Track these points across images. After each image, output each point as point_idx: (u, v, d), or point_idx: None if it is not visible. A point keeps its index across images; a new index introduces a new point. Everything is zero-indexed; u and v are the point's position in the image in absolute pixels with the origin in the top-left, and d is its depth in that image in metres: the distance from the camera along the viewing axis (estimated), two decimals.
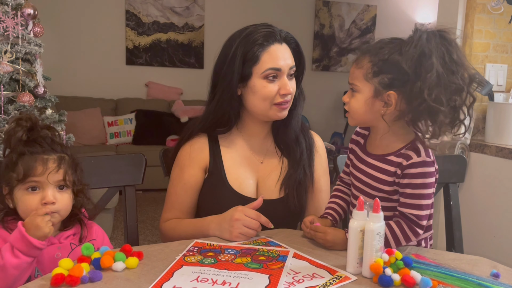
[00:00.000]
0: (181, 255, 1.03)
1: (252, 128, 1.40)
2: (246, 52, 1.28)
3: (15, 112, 1.88)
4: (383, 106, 1.07)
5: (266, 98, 1.30)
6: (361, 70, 1.08)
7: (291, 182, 1.36)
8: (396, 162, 1.09)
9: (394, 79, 1.04)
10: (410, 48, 1.01)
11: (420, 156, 1.07)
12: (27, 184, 1.02)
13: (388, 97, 1.05)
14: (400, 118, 1.09)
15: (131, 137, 5.01)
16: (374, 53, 1.06)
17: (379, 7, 6.40)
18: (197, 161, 1.36)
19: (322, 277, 0.94)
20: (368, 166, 1.15)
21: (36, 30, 1.99)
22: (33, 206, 1.01)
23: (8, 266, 0.94)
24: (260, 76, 1.29)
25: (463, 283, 0.92)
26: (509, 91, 2.44)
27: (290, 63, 1.31)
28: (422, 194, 1.07)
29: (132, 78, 5.46)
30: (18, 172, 1.01)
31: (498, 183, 2.22)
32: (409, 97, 1.03)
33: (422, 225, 1.08)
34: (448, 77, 1.01)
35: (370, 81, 1.06)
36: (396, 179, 1.10)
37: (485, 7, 2.34)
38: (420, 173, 1.06)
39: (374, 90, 1.06)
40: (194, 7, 5.62)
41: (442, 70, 1.00)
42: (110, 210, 3.23)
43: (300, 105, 1.41)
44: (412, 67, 1.01)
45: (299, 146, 1.40)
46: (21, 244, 0.95)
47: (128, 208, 1.42)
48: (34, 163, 1.02)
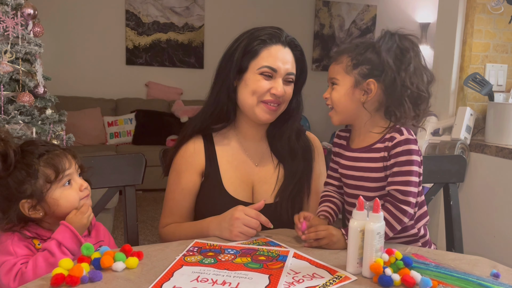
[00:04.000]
0: (181, 255, 1.03)
1: (246, 129, 1.40)
2: (247, 45, 1.30)
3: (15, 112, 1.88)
4: (363, 95, 1.15)
5: (255, 92, 1.30)
6: (341, 65, 1.16)
7: (286, 194, 1.35)
8: (383, 147, 1.14)
9: (372, 69, 1.13)
10: (383, 44, 1.12)
11: (403, 134, 1.12)
12: (63, 180, 1.05)
13: (368, 85, 1.13)
14: (380, 107, 1.16)
15: (131, 137, 5.01)
16: (351, 49, 1.16)
17: (379, 7, 6.40)
18: (193, 166, 1.36)
19: (322, 277, 0.94)
20: (356, 160, 1.18)
21: (36, 30, 1.99)
22: (76, 196, 1.06)
23: (58, 263, 0.95)
24: (256, 72, 1.30)
25: (463, 283, 0.92)
26: (509, 91, 2.43)
27: (289, 68, 1.31)
28: (410, 170, 1.10)
29: (132, 78, 5.46)
30: (47, 175, 1.03)
31: (498, 183, 2.22)
32: (389, 85, 1.12)
33: (408, 202, 1.09)
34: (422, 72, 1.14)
35: (350, 73, 1.15)
36: (384, 163, 1.13)
37: (485, 7, 2.34)
38: (405, 150, 1.11)
39: (354, 81, 1.15)
40: (194, 7, 5.62)
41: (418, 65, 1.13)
42: (110, 210, 3.24)
43: (296, 117, 1.40)
44: (391, 58, 1.11)
45: (295, 158, 1.38)
46: (70, 242, 0.99)
47: (128, 208, 1.42)
48: (60, 159, 1.05)
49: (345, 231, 1.10)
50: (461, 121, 2.31)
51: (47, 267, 0.97)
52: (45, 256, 0.98)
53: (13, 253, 0.99)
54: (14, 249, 1.00)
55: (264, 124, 1.39)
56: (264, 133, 1.42)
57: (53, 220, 1.06)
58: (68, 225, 1.01)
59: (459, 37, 2.40)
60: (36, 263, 0.97)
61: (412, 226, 1.19)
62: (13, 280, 0.96)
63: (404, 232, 1.17)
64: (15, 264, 0.97)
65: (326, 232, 1.11)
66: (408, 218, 1.11)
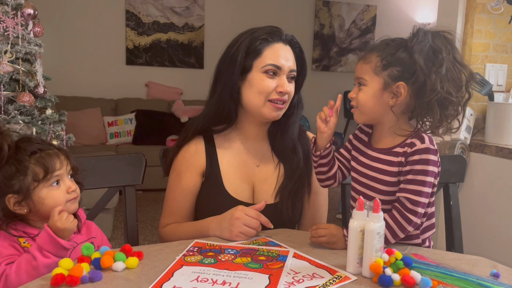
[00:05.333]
0: (181, 255, 1.03)
1: (249, 129, 1.40)
2: (250, 45, 1.30)
3: (15, 112, 1.88)
4: (391, 98, 1.10)
5: (262, 92, 1.30)
6: (370, 65, 1.11)
7: (286, 192, 1.35)
8: (401, 152, 1.11)
9: (403, 71, 1.08)
10: (416, 44, 1.06)
11: (424, 143, 1.09)
12: (51, 180, 1.05)
13: (397, 88, 1.09)
14: (407, 110, 1.12)
15: (131, 137, 5.01)
16: (381, 49, 1.11)
17: (379, 7, 6.40)
18: (194, 166, 1.36)
19: (322, 277, 0.95)
20: (373, 160, 1.16)
21: (36, 30, 1.99)
22: (62, 198, 1.06)
23: (40, 266, 0.96)
24: (260, 70, 1.29)
25: (463, 283, 0.92)
26: (509, 91, 2.43)
27: (291, 65, 1.32)
28: (424, 181, 1.07)
29: (132, 78, 5.46)
30: (36, 173, 1.03)
31: (498, 183, 2.22)
32: (419, 89, 1.07)
33: (416, 211, 1.08)
34: (454, 73, 1.07)
35: (379, 75, 1.10)
36: (400, 168, 1.11)
37: (485, 7, 2.34)
38: (423, 160, 1.08)
39: (384, 83, 1.10)
40: (194, 7, 5.62)
41: (450, 65, 1.06)
42: (110, 210, 3.24)
43: (298, 113, 1.41)
44: (422, 60, 1.05)
45: (296, 155, 1.38)
46: (50, 246, 0.98)
47: (128, 208, 1.42)
48: (52, 159, 1.05)
49: (347, 232, 1.10)
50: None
51: (30, 270, 0.96)
52: (28, 259, 0.97)
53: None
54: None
55: (266, 123, 1.39)
56: (265, 133, 1.42)
57: (37, 218, 1.06)
58: (48, 229, 0.99)
59: (459, 37, 2.40)
60: (20, 265, 0.97)
61: (417, 236, 1.16)
62: None
63: (408, 240, 1.16)
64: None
65: (327, 231, 1.11)
66: (412, 227, 1.09)
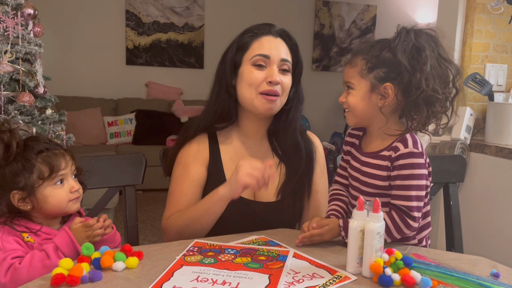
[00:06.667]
0: (181, 255, 1.03)
1: (248, 127, 1.39)
2: (239, 41, 1.33)
3: (15, 112, 1.88)
4: (380, 99, 1.11)
5: (251, 83, 1.29)
6: (356, 68, 1.12)
7: (287, 191, 1.35)
8: (387, 156, 1.11)
9: (388, 72, 1.09)
10: (399, 43, 1.07)
11: (408, 147, 1.09)
12: (56, 179, 1.07)
13: (385, 89, 1.10)
14: (397, 110, 1.13)
15: (131, 137, 5.01)
16: (366, 51, 1.12)
17: (379, 7, 6.40)
18: (200, 159, 1.36)
19: (322, 277, 0.95)
20: (363, 164, 1.17)
21: (36, 30, 1.99)
22: (65, 197, 1.08)
23: (53, 265, 0.96)
24: (249, 63, 1.30)
25: (463, 283, 0.92)
26: (509, 91, 2.43)
27: (282, 55, 1.32)
28: (411, 185, 1.08)
29: (132, 78, 5.46)
30: (42, 171, 1.05)
31: (498, 183, 2.22)
32: (406, 88, 1.08)
33: (413, 216, 1.08)
34: (440, 69, 1.08)
35: (366, 77, 1.11)
36: (388, 173, 1.11)
37: (485, 7, 2.34)
38: (408, 164, 1.08)
39: (371, 85, 1.11)
40: (194, 7, 5.62)
41: (434, 63, 1.07)
42: (110, 210, 3.23)
43: (297, 107, 1.39)
44: (406, 59, 1.06)
45: (299, 154, 1.38)
46: (67, 249, 1.02)
47: (128, 208, 1.42)
48: (57, 159, 1.08)
49: (342, 223, 1.10)
50: (461, 121, 2.31)
51: (42, 268, 0.98)
52: (42, 257, 1.00)
53: (2, 248, 1.01)
54: (2, 244, 1.01)
55: (265, 121, 1.39)
56: (265, 131, 1.42)
57: (40, 215, 1.09)
58: (69, 231, 1.03)
59: (459, 37, 2.40)
60: (32, 261, 0.99)
61: (413, 237, 1.17)
62: (4, 274, 0.97)
63: (405, 241, 1.16)
64: (5, 259, 0.99)
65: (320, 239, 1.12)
66: (410, 231, 1.10)
